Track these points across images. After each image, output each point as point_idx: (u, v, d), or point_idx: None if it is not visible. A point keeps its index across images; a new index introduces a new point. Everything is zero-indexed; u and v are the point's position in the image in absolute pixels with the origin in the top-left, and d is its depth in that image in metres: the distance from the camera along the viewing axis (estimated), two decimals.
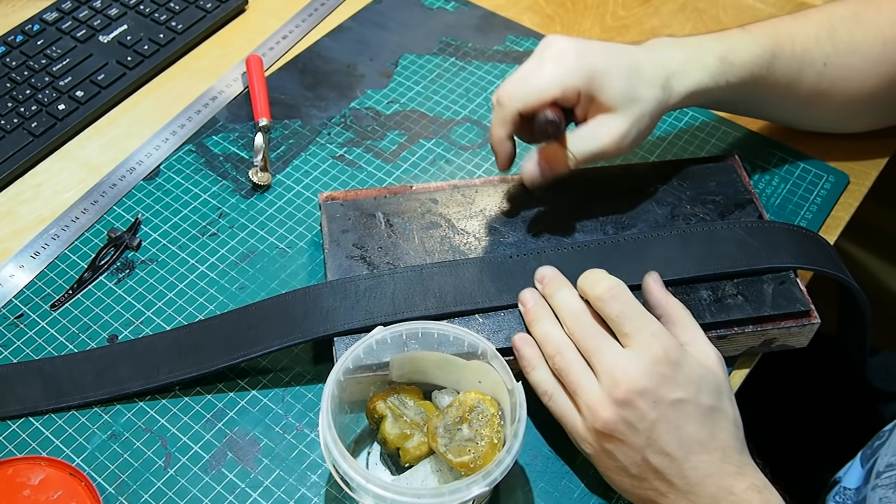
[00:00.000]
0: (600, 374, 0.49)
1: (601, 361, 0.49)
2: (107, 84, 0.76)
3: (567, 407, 0.51)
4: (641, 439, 0.48)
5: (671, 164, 0.66)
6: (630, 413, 0.48)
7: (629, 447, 0.48)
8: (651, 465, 0.48)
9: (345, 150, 0.72)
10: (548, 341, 0.52)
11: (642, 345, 0.49)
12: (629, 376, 0.48)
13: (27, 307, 0.62)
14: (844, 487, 0.63)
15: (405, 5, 0.85)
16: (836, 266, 0.60)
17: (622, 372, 0.48)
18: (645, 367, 0.48)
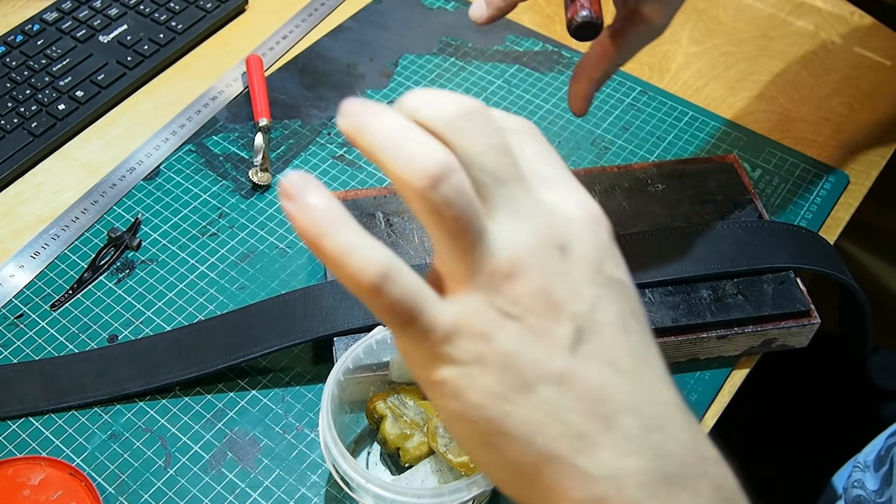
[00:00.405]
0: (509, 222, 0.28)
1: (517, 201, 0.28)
2: (107, 84, 0.76)
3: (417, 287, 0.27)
4: (570, 328, 0.28)
5: (671, 164, 0.66)
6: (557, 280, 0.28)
7: (546, 342, 0.27)
8: (580, 380, 0.28)
9: (345, 150, 0.72)
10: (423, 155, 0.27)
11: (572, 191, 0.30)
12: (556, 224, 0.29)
13: (27, 307, 0.62)
14: (864, 484, 0.63)
15: (405, 5, 0.85)
16: (836, 266, 0.60)
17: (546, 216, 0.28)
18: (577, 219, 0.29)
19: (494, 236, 0.27)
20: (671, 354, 0.58)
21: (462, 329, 0.27)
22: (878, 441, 0.65)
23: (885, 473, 0.60)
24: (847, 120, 0.75)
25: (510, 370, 0.27)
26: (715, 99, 0.77)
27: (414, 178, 0.26)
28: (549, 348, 0.27)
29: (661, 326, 0.56)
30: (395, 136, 0.27)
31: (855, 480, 0.63)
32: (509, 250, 0.27)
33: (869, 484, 0.62)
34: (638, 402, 0.28)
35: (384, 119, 0.27)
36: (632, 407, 0.28)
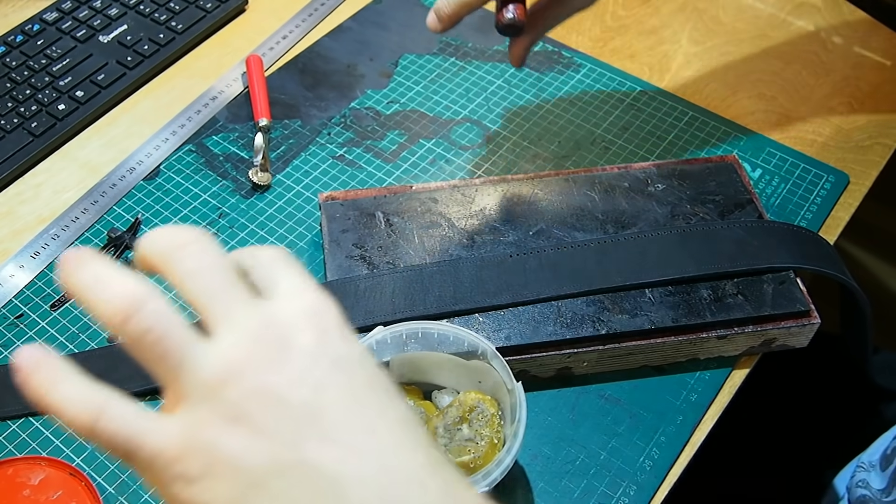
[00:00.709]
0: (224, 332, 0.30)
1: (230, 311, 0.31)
2: (107, 84, 0.76)
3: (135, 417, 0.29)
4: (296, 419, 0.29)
5: (671, 164, 0.66)
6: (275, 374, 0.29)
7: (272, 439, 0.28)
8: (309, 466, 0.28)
9: (345, 150, 0.72)
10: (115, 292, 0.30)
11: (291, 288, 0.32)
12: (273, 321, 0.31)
13: (27, 307, 0.62)
14: (869, 483, 0.63)
15: (405, 5, 0.85)
16: (836, 266, 0.60)
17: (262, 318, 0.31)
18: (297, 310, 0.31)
19: (204, 350, 0.29)
20: (671, 354, 0.58)
21: (188, 446, 0.28)
22: (883, 440, 0.65)
23: (892, 472, 0.60)
24: (847, 120, 0.75)
25: (239, 473, 0.28)
26: (715, 99, 0.77)
27: (110, 317, 0.29)
28: (277, 442, 0.28)
29: (661, 326, 0.56)
30: (95, 281, 0.29)
31: (859, 480, 0.63)
32: (220, 359, 0.29)
33: (874, 483, 0.62)
34: (377, 477, 0.28)
35: (88, 267, 0.30)
36: (370, 483, 0.28)
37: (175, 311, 0.30)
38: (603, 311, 0.56)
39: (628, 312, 0.56)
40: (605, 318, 0.56)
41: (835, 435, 0.76)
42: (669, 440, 0.55)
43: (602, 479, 0.54)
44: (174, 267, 0.31)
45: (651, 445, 0.55)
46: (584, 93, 0.77)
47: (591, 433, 0.56)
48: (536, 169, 0.71)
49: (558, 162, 0.71)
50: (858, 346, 0.66)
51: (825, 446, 0.75)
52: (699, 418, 0.57)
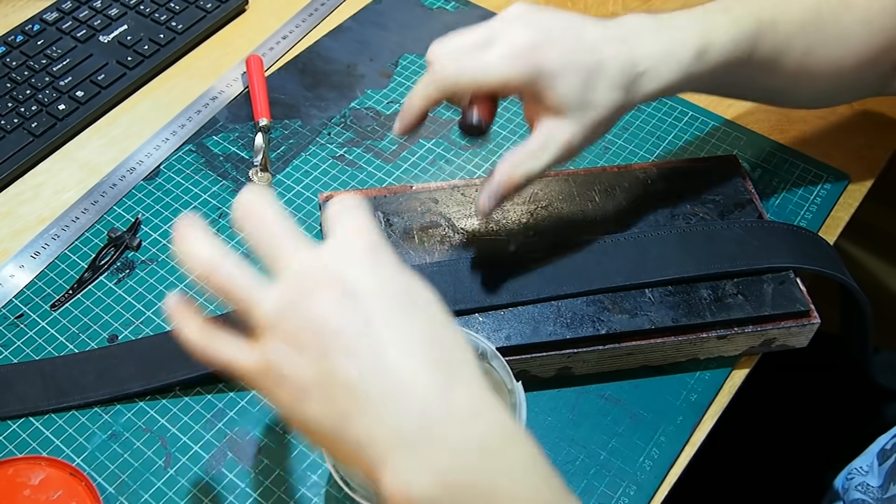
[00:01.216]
0: (278, 278, 0.40)
1: (283, 261, 0.40)
2: (107, 84, 0.76)
3: (230, 346, 0.41)
4: (320, 336, 0.38)
5: (671, 164, 0.66)
6: (306, 305, 0.38)
7: (306, 354, 0.38)
8: (337, 372, 0.37)
9: (345, 150, 0.72)
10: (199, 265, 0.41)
11: (337, 236, 0.41)
12: (312, 267, 0.39)
13: (27, 307, 0.62)
14: (867, 484, 0.63)
15: (405, 5, 0.85)
16: (836, 266, 0.60)
17: (305, 264, 0.40)
18: (334, 254, 0.40)
19: (263, 295, 0.39)
20: (671, 354, 0.58)
21: (261, 368, 0.39)
22: (880, 441, 0.65)
23: (889, 469, 0.60)
24: (847, 120, 0.75)
25: (292, 384, 0.38)
26: (715, 99, 0.77)
27: (200, 277, 0.41)
28: (310, 357, 0.37)
29: (661, 326, 0.56)
30: (188, 251, 0.41)
31: (858, 484, 0.63)
32: (274, 301, 0.39)
33: (872, 481, 0.62)
34: (381, 376, 0.36)
35: (186, 240, 0.41)
36: (376, 382, 0.36)
37: (244, 265, 0.40)
38: (603, 310, 0.56)
39: (628, 312, 0.56)
40: (605, 318, 0.56)
41: (835, 435, 0.76)
42: (669, 440, 0.55)
43: (602, 479, 0.54)
44: (245, 227, 0.41)
45: (651, 445, 0.55)
46: None
47: (591, 433, 0.56)
48: None
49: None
50: (858, 346, 0.66)
51: (825, 446, 0.75)
52: (699, 418, 0.57)
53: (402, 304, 0.38)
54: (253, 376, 0.40)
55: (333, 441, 0.38)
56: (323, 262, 0.39)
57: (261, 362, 0.39)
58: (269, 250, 0.40)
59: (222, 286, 0.40)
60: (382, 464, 0.36)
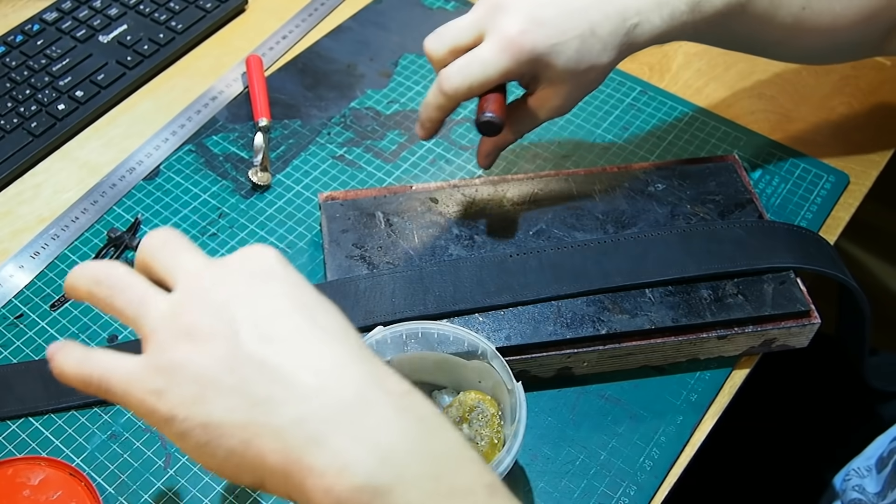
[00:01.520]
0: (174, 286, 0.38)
1: (176, 273, 0.38)
2: (107, 84, 0.76)
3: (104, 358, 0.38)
4: (228, 322, 0.35)
5: (671, 164, 0.66)
6: (205, 295, 0.36)
7: (214, 343, 0.34)
8: (253, 359, 0.34)
9: (345, 150, 0.72)
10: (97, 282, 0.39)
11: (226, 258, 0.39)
12: (201, 269, 0.38)
13: (27, 307, 0.62)
14: (864, 487, 0.63)
15: (405, 5, 0.85)
16: (836, 266, 0.60)
17: (195, 268, 0.38)
18: (220, 261, 0.38)
19: (157, 297, 0.37)
20: (671, 354, 0.58)
21: (151, 368, 0.35)
22: (878, 444, 0.65)
23: (888, 475, 0.60)
24: (847, 120, 0.75)
25: (195, 377, 0.34)
26: (715, 99, 0.77)
27: (83, 292, 0.39)
28: (219, 346, 0.34)
29: (661, 326, 0.56)
30: (78, 268, 0.39)
31: (855, 485, 0.63)
32: (169, 299, 0.37)
33: (869, 487, 0.62)
34: (307, 358, 0.34)
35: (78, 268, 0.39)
36: (303, 364, 0.34)
37: (133, 274, 0.38)
38: (603, 311, 0.56)
39: (628, 312, 0.56)
40: (605, 318, 0.56)
41: (834, 435, 0.76)
42: (669, 440, 0.55)
43: (602, 479, 0.54)
44: (148, 254, 0.40)
45: (651, 445, 0.55)
46: None
47: (591, 433, 0.56)
48: (536, 169, 0.71)
49: (558, 162, 0.71)
50: (856, 346, 0.66)
51: (825, 446, 0.75)
52: (699, 418, 0.57)
53: (317, 301, 0.37)
54: (135, 383, 0.35)
55: (243, 439, 0.33)
56: (224, 263, 0.37)
57: (148, 366, 0.35)
58: (167, 266, 0.38)
59: (111, 291, 0.37)
60: (314, 447, 0.32)
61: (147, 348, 0.36)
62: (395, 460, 0.32)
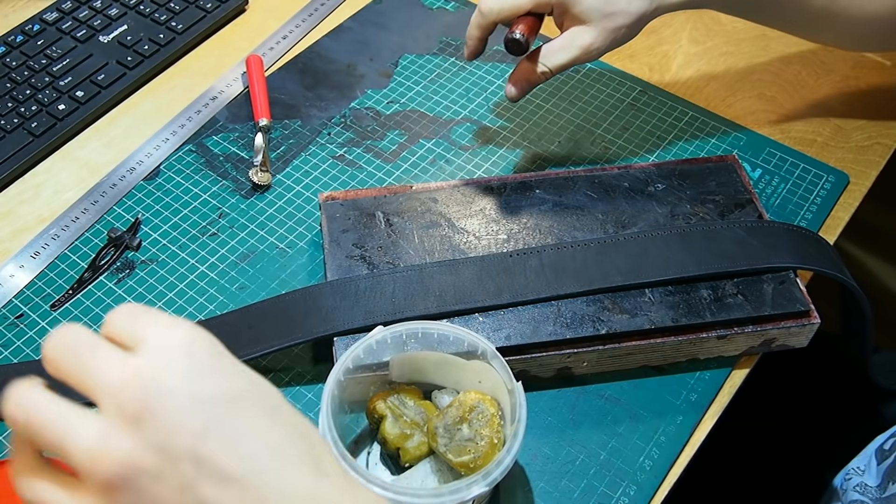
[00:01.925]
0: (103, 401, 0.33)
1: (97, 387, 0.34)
2: (107, 84, 0.76)
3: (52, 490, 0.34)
4: (183, 467, 0.32)
5: (671, 164, 0.66)
6: (154, 429, 0.32)
7: (168, 489, 0.32)
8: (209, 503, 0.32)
9: (345, 150, 0.72)
10: None
11: (162, 340, 0.36)
12: (143, 380, 0.33)
13: (27, 307, 0.62)
14: (865, 484, 0.63)
15: (405, 5, 0.85)
16: (836, 266, 0.60)
17: (131, 377, 0.34)
18: (170, 364, 0.34)
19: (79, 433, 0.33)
20: (671, 354, 0.58)
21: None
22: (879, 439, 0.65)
23: (888, 468, 0.60)
24: (847, 120, 0.75)
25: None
26: (715, 99, 0.77)
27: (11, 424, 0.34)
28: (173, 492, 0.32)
29: (661, 326, 0.56)
30: None
31: (856, 485, 0.63)
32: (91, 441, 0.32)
33: (869, 480, 0.62)
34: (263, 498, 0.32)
35: None
36: None
37: (53, 400, 0.34)
38: (603, 310, 0.56)
39: (628, 312, 0.56)
40: (605, 318, 0.56)
41: (835, 435, 0.76)
42: (669, 440, 0.55)
43: (602, 479, 0.54)
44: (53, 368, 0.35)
45: (651, 445, 0.55)
46: (584, 93, 0.77)
47: (591, 433, 0.56)
48: (536, 169, 0.71)
49: (558, 162, 0.71)
50: (858, 346, 0.66)
51: (825, 446, 0.75)
52: (699, 418, 0.57)
53: (269, 410, 0.34)
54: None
55: None
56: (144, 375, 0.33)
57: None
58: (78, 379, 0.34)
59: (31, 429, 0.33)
60: None
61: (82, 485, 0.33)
62: None
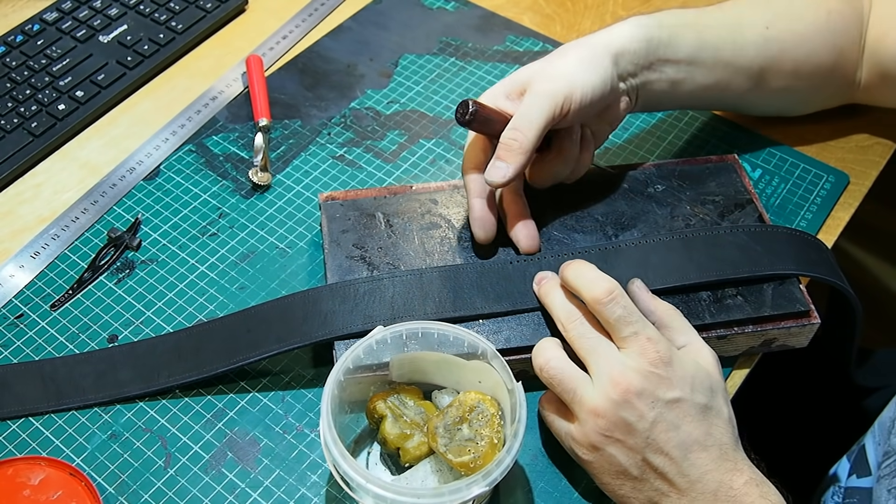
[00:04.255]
0: (597, 377, 0.49)
1: (598, 363, 0.49)
2: (107, 84, 0.76)
3: (560, 419, 0.52)
4: (640, 440, 0.48)
5: (671, 164, 0.66)
6: (629, 413, 0.48)
7: (628, 449, 0.48)
8: (651, 465, 0.48)
9: (345, 150, 0.72)
10: (541, 352, 0.52)
11: (639, 347, 0.49)
12: (627, 377, 0.48)
13: (27, 307, 0.62)
14: (839, 486, 0.63)
15: (405, 5, 0.85)
16: (835, 272, 0.59)
17: (620, 373, 0.48)
18: (642, 369, 0.48)
19: (584, 392, 0.49)
20: None
21: (582, 441, 0.50)
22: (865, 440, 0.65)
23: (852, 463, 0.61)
24: (847, 120, 0.75)
25: (615, 463, 0.49)
26: None
27: (535, 365, 0.52)
28: (632, 451, 0.49)
29: None
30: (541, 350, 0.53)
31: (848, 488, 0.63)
32: (595, 400, 0.49)
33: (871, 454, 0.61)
34: (685, 471, 0.48)
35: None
36: (682, 474, 0.48)
37: (569, 363, 0.51)
38: None
39: None
40: None
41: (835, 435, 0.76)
42: None
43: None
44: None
45: None
46: None
47: None
48: None
49: None
50: (844, 348, 0.67)
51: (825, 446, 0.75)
52: None
53: (699, 410, 0.49)
54: (574, 441, 0.51)
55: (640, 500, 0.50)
56: (630, 371, 0.48)
57: (581, 437, 0.50)
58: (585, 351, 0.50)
59: (552, 381, 0.51)
60: None
61: (579, 423, 0.50)
62: None
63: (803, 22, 0.65)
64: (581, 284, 0.51)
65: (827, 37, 0.65)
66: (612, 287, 0.50)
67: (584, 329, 0.51)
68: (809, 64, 0.66)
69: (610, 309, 0.50)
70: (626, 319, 0.49)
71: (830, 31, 0.65)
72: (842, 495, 0.63)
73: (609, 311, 0.50)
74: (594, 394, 0.49)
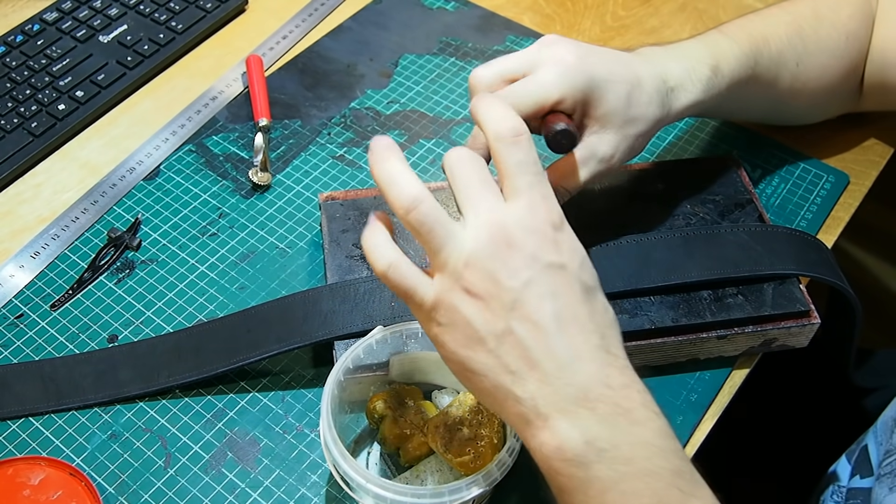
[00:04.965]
0: (472, 224, 0.41)
1: (478, 208, 0.41)
2: (107, 84, 0.76)
3: (413, 275, 0.42)
4: (507, 300, 0.40)
5: (671, 164, 0.66)
6: (499, 265, 0.40)
7: (491, 310, 0.40)
8: (514, 335, 0.40)
9: (345, 150, 0.72)
10: (402, 191, 0.41)
11: (529, 202, 0.41)
12: (508, 228, 0.41)
13: (27, 307, 0.62)
14: (840, 486, 0.63)
15: (405, 5, 0.85)
16: (835, 272, 0.60)
17: (499, 221, 0.41)
18: (526, 224, 0.41)
19: (460, 237, 0.41)
20: (671, 354, 0.58)
21: (440, 303, 0.41)
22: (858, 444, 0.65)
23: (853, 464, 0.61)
24: (847, 120, 0.75)
25: (470, 329, 0.41)
26: None
27: (396, 208, 0.41)
28: (494, 314, 0.40)
29: (661, 326, 0.56)
30: (390, 177, 0.42)
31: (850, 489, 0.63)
32: (467, 248, 0.41)
33: (872, 451, 0.62)
34: (554, 350, 0.40)
35: (386, 163, 0.42)
36: (549, 354, 0.40)
37: (440, 207, 0.41)
38: None
39: (628, 312, 0.56)
40: None
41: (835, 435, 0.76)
42: None
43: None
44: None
45: None
46: None
47: None
48: None
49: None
50: (842, 349, 0.67)
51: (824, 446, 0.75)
52: (699, 418, 0.57)
53: (583, 288, 0.42)
54: (424, 309, 0.42)
55: (488, 388, 0.41)
56: (516, 224, 0.41)
57: (439, 298, 0.42)
58: (464, 192, 0.42)
59: (420, 223, 0.41)
60: (542, 421, 0.40)
61: (437, 275, 0.42)
62: (599, 445, 0.39)
63: (826, 53, 0.64)
64: (486, 118, 0.43)
65: (845, 62, 0.65)
66: (520, 129, 0.42)
67: (475, 170, 0.43)
68: (825, 90, 0.66)
69: (509, 151, 0.42)
70: (525, 168, 0.42)
71: (848, 57, 0.65)
72: (843, 496, 0.63)
73: (507, 153, 0.42)
74: (464, 239, 0.41)
